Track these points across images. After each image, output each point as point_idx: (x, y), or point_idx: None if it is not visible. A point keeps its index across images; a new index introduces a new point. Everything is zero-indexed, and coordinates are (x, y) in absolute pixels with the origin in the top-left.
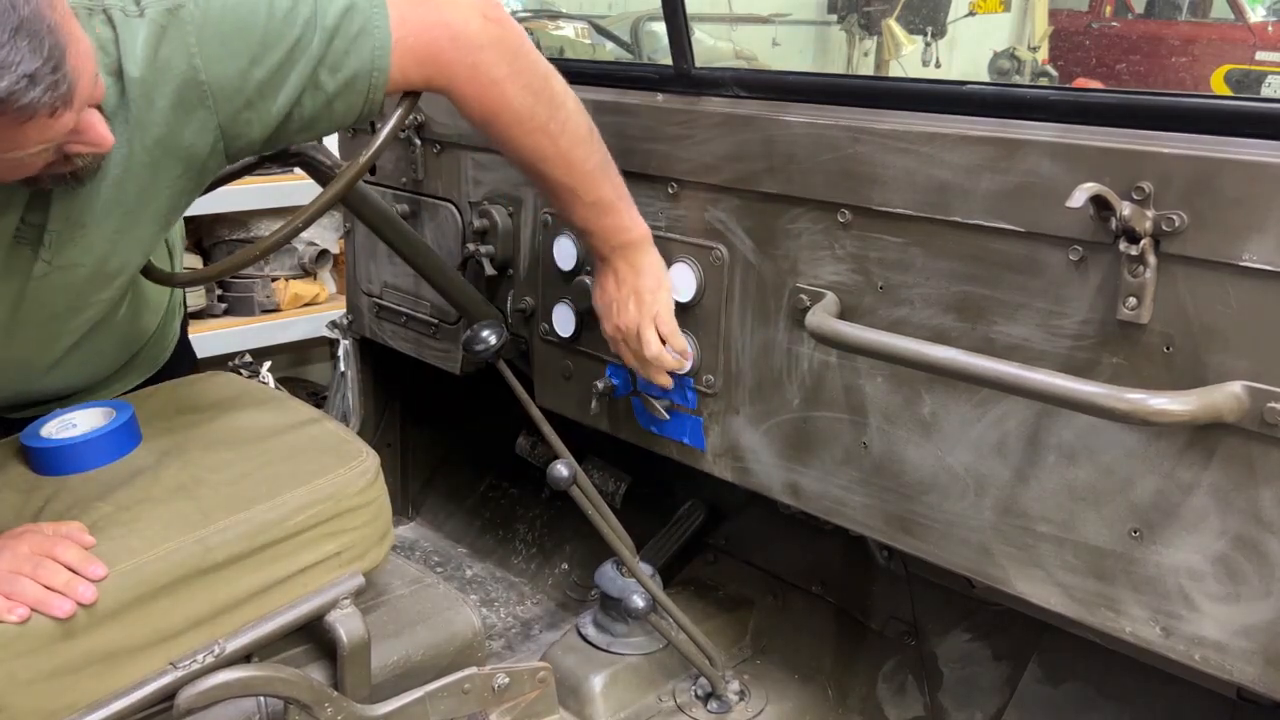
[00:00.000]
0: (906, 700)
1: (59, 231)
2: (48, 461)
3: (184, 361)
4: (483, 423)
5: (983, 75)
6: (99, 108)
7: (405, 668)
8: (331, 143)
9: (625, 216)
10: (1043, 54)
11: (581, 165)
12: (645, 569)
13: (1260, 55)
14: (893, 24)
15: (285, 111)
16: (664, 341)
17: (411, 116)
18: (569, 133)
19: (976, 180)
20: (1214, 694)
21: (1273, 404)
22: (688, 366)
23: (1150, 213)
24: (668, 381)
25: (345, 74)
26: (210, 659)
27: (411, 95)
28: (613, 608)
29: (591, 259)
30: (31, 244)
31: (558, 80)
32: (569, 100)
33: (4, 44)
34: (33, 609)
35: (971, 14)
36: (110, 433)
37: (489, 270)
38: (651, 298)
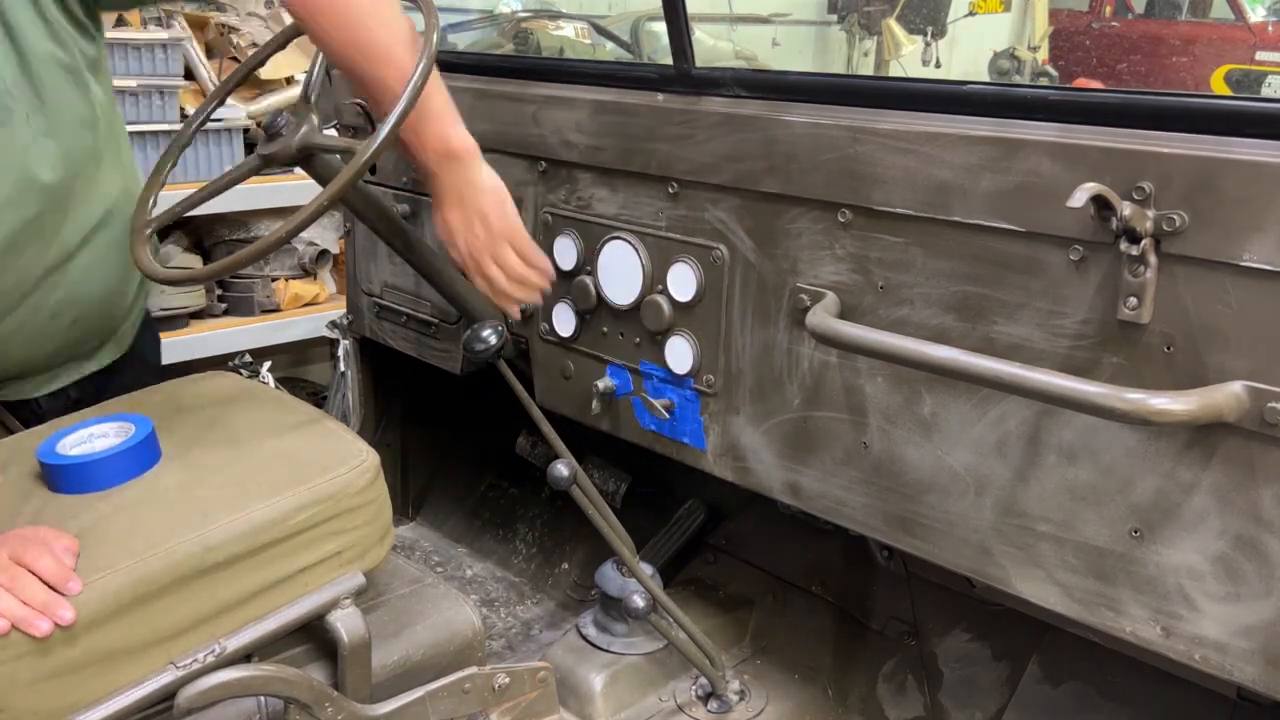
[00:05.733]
0: (906, 700)
1: None
2: (66, 479)
3: (148, 340)
4: (483, 423)
5: (983, 75)
6: None
7: (405, 667)
8: None
9: (453, 125)
10: (1043, 54)
11: (404, 64)
12: (645, 569)
13: (1260, 55)
14: (893, 24)
15: None
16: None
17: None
18: (387, 26)
19: (977, 180)
20: (1214, 694)
21: (1273, 404)
22: (547, 286)
23: (1151, 213)
24: (517, 306)
25: None
26: (210, 658)
27: (413, 95)
28: (613, 608)
29: (424, 180)
30: None
31: None
32: (390, 4)
33: None
34: (12, 625)
35: (971, 14)
36: (131, 449)
37: None
38: (500, 212)
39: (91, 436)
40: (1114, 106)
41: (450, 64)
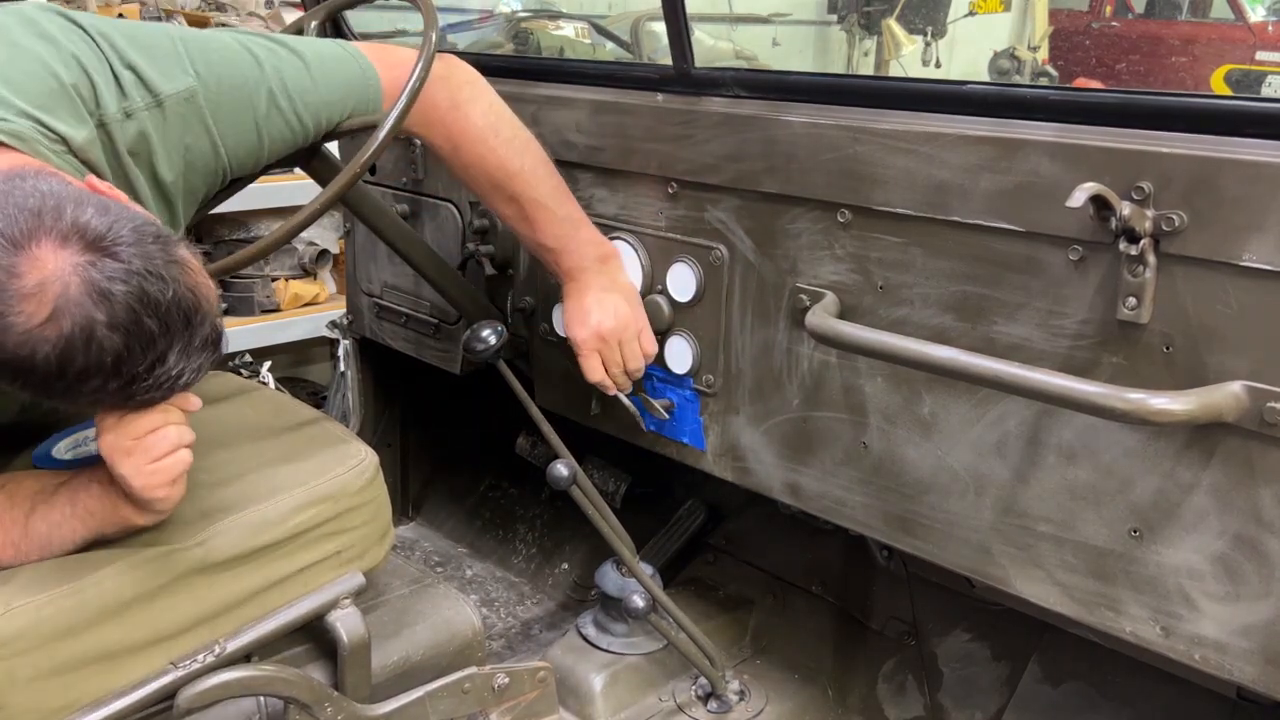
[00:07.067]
0: (906, 700)
1: None
2: None
3: None
4: (483, 423)
5: (983, 75)
6: None
7: (405, 667)
8: (331, 144)
9: (595, 231)
10: (1043, 54)
11: (550, 180)
12: (645, 569)
13: (1260, 55)
14: (893, 24)
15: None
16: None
17: None
18: (533, 151)
19: (976, 180)
20: (1214, 694)
21: (1272, 404)
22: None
23: (1150, 212)
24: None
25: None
26: (210, 659)
27: (411, 96)
28: (613, 608)
29: (560, 278)
30: None
31: (508, 110)
32: (524, 128)
33: (196, 351)
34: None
35: (971, 14)
36: None
37: (489, 270)
38: (637, 302)
39: (87, 439)
40: (1114, 106)
41: None
